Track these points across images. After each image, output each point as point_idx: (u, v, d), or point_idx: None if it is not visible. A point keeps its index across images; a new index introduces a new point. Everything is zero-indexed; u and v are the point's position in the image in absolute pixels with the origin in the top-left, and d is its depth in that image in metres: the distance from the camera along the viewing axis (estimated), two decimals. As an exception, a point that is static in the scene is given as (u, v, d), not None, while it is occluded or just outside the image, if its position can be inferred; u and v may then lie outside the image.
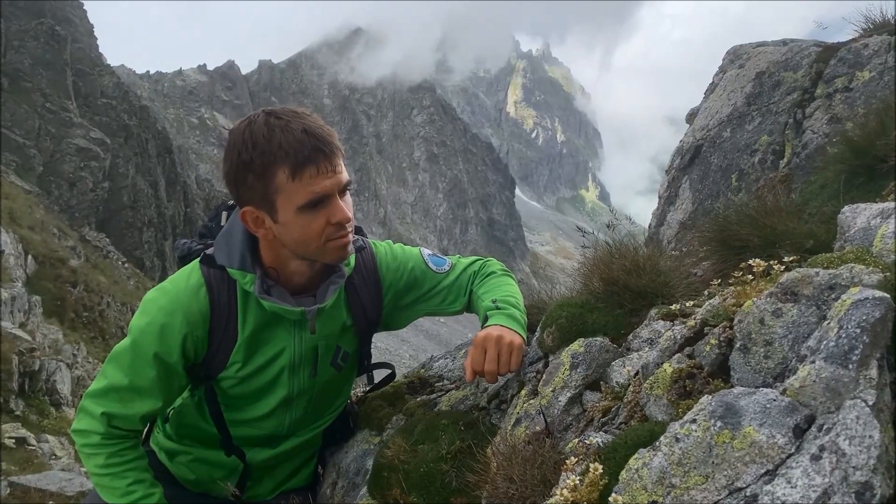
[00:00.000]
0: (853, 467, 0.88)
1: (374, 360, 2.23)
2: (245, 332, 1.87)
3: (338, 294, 1.93)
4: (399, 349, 52.61)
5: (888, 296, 1.06)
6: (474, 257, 2.22)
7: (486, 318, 1.93)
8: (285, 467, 2.19)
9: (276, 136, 1.65)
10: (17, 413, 14.20)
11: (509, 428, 1.69)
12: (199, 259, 1.91)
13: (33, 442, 13.16)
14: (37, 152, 33.07)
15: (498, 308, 1.93)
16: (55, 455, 13.21)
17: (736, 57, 3.54)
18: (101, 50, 45.06)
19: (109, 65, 45.31)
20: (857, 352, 0.99)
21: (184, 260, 2.02)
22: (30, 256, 21.59)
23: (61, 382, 15.97)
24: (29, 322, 18.26)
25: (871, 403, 0.95)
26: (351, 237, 1.83)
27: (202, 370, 1.91)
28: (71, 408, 15.92)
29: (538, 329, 1.97)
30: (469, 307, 2.12)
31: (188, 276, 1.87)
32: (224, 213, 2.04)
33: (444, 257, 2.16)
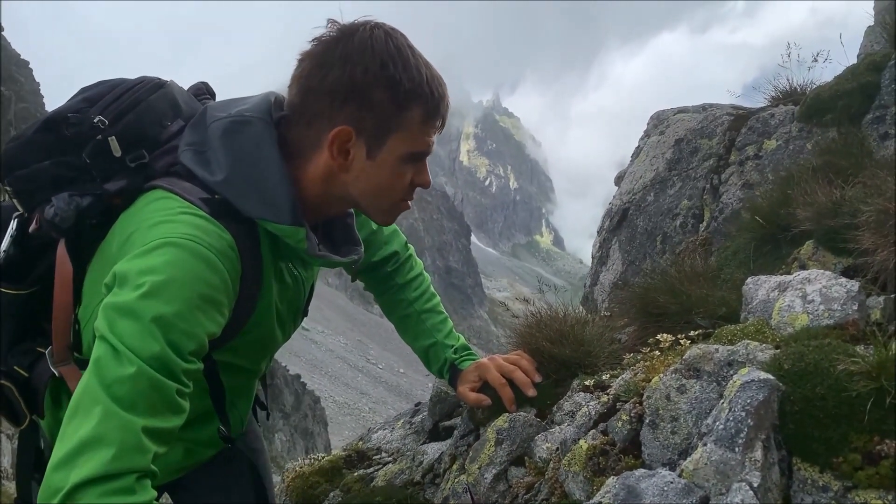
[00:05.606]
0: (740, 550, 0.93)
1: (333, 414, 2.10)
2: (266, 299, 1.48)
3: None
4: (358, 402, 51.61)
5: (773, 377, 1.12)
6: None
7: (450, 365, 1.89)
8: None
9: (423, 70, 1.38)
10: None
11: (439, 506, 1.70)
12: (208, 207, 1.33)
13: None
14: (-23, 213, 32.07)
15: (465, 357, 1.91)
16: None
17: (658, 122, 3.73)
18: (47, 107, 44.35)
19: (56, 122, 44.58)
20: (742, 435, 1.05)
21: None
22: None
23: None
24: None
25: (755, 485, 1.01)
26: None
27: None
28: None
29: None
30: (389, 306, 1.99)
31: (218, 235, 1.30)
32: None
33: None
